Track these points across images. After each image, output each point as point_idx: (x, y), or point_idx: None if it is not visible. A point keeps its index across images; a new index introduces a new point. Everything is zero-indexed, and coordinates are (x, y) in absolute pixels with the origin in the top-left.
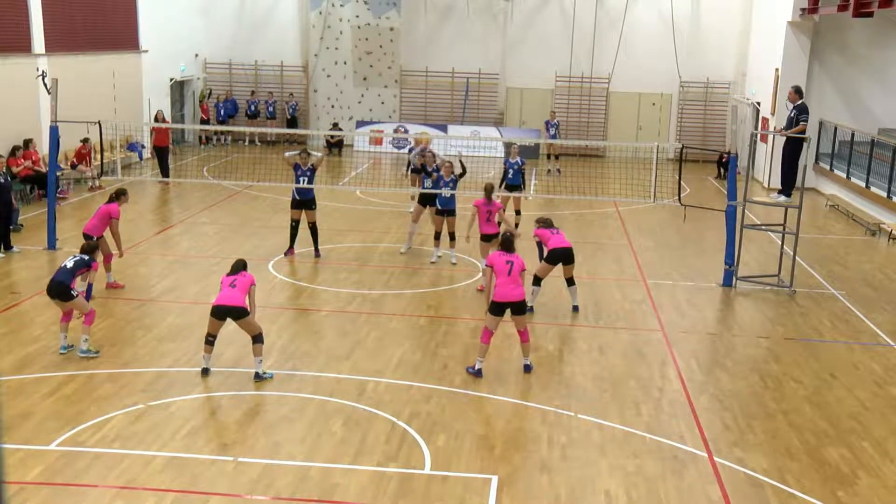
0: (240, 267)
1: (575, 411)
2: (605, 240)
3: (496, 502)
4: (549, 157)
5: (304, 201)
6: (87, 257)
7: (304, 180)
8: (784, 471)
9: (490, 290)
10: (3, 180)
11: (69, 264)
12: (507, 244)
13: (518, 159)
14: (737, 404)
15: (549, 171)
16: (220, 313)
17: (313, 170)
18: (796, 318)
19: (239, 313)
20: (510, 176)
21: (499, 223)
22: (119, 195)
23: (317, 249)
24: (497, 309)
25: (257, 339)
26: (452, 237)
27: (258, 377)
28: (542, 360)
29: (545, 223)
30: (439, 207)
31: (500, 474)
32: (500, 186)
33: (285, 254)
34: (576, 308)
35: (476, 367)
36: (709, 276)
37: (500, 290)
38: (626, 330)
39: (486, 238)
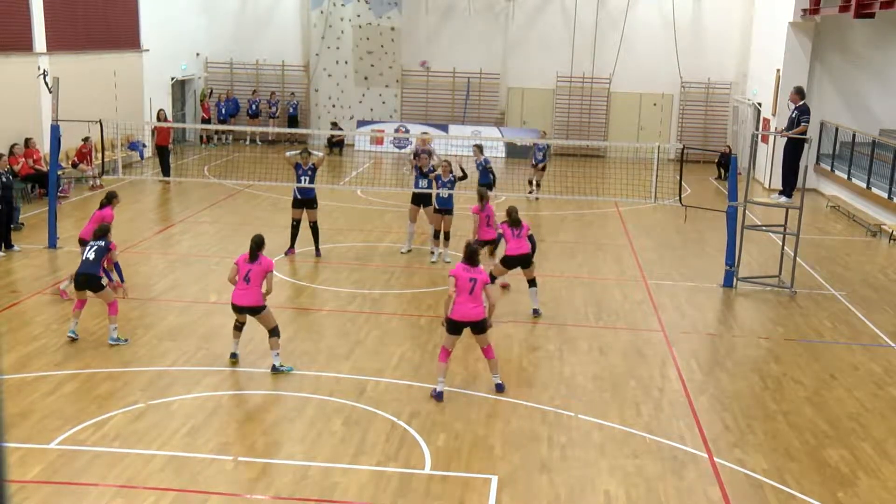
0: (257, 248)
1: (575, 411)
2: (606, 240)
3: (496, 502)
4: (531, 182)
5: (305, 200)
6: (102, 242)
7: (305, 180)
8: (784, 471)
9: (449, 305)
10: (5, 179)
11: (91, 256)
12: (472, 257)
13: (483, 158)
14: (737, 405)
15: (533, 195)
16: (239, 310)
17: (314, 169)
18: (797, 318)
19: (253, 311)
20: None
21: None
22: (110, 199)
23: (317, 249)
24: (455, 328)
25: (273, 332)
26: (448, 236)
27: (275, 370)
28: (542, 360)
29: (511, 219)
30: (437, 207)
31: (500, 474)
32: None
33: (286, 253)
34: (536, 312)
35: (437, 391)
36: (709, 276)
37: (459, 309)
38: (626, 330)
39: (482, 244)
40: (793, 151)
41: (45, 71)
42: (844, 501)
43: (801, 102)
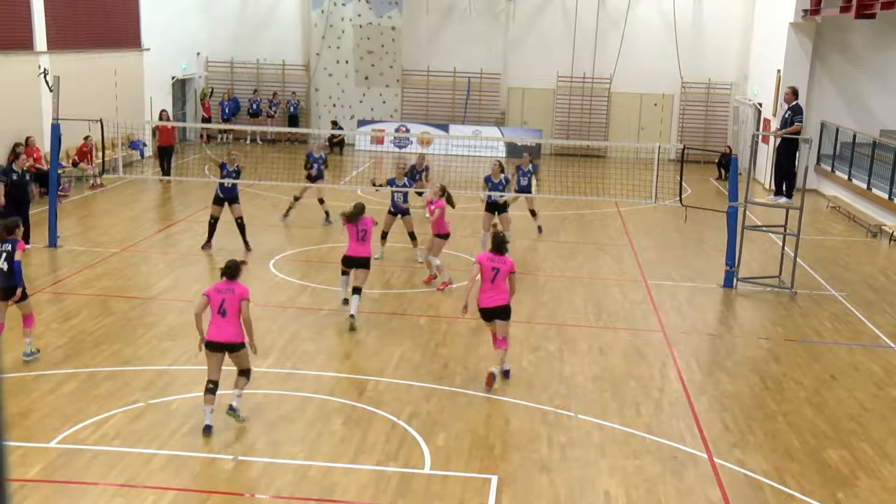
0: (230, 275)
1: (575, 411)
2: (606, 240)
3: (496, 502)
4: (533, 213)
5: (228, 198)
6: (10, 245)
7: (228, 180)
8: (784, 472)
9: (474, 292)
10: (15, 177)
11: (4, 266)
12: (500, 246)
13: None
14: (737, 405)
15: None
16: (216, 348)
17: (239, 172)
18: (797, 319)
19: (232, 348)
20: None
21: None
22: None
23: (246, 244)
24: (485, 315)
25: (244, 373)
26: (413, 237)
27: (231, 409)
28: (543, 361)
29: (351, 216)
30: (393, 209)
31: (500, 474)
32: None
33: (203, 247)
34: (352, 318)
35: (505, 369)
36: (709, 276)
37: (483, 297)
38: (626, 330)
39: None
40: (787, 151)
41: (45, 70)
42: (844, 502)
43: (795, 102)
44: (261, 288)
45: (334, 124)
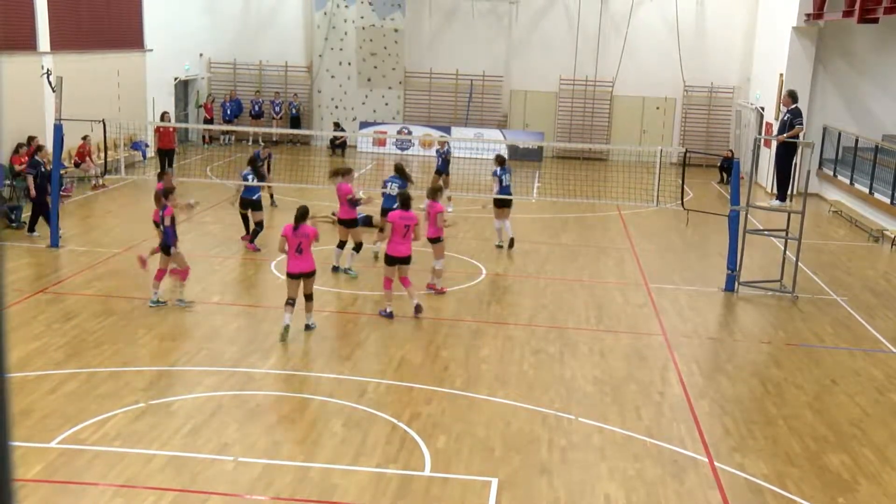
0: (301, 218)
1: (575, 414)
2: (608, 243)
3: None
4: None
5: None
6: (161, 213)
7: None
8: (784, 476)
9: (385, 241)
10: (43, 169)
11: (162, 228)
12: (406, 202)
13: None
14: (738, 409)
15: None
16: (296, 276)
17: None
18: (798, 323)
19: (308, 275)
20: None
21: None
22: (160, 175)
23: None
24: (391, 261)
25: (311, 297)
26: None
27: (308, 328)
28: (543, 363)
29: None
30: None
31: (500, 476)
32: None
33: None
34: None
35: (388, 311)
36: (711, 280)
37: (394, 247)
38: (627, 333)
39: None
40: (786, 155)
41: (48, 70)
42: None
43: (794, 106)
44: (263, 289)
45: (337, 126)
